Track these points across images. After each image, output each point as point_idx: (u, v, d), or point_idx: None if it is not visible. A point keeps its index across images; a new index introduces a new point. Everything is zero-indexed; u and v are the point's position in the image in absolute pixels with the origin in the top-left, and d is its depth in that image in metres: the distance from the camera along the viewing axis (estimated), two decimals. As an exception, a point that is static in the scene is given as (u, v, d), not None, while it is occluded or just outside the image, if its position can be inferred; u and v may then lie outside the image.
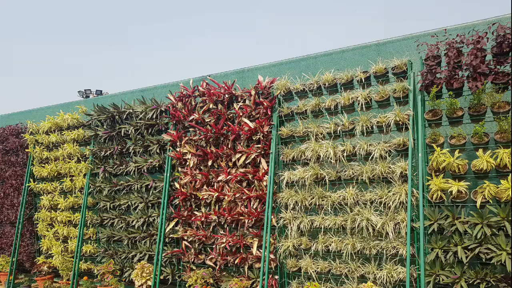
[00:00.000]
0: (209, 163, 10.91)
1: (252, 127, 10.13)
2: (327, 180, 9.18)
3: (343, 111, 9.33)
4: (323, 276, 9.34)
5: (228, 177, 10.50)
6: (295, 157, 9.68)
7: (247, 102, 10.46)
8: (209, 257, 10.92)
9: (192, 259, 11.16)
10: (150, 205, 12.01)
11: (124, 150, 12.50)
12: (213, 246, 10.92)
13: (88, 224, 13.27)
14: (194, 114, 11.11)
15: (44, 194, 14.30)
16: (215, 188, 10.77)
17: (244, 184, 10.46)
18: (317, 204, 9.24)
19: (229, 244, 10.46)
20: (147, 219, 11.93)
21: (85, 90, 23.57)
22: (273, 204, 9.87)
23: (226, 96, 10.72)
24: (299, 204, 9.43)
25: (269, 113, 10.11)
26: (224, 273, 10.92)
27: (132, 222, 12.15)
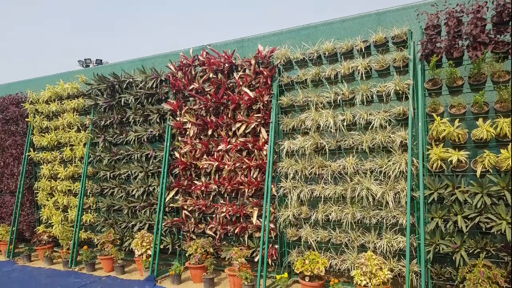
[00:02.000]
0: (209, 132, 10.90)
1: (252, 96, 10.11)
2: (327, 150, 9.18)
3: (343, 80, 9.31)
4: (323, 245, 9.38)
5: (228, 147, 10.50)
6: (295, 126, 9.67)
7: (247, 71, 10.42)
8: (209, 227, 10.96)
9: (192, 229, 11.19)
10: (150, 174, 12.02)
11: (124, 120, 12.49)
12: (213, 216, 10.96)
13: (88, 194, 13.30)
14: (194, 84, 11.09)
15: (44, 164, 14.32)
16: (215, 157, 10.77)
17: (244, 153, 10.46)
18: (317, 173, 9.26)
19: (229, 213, 10.49)
20: (147, 189, 11.95)
21: (85, 59, 23.48)
22: (273, 174, 9.88)
23: (226, 65, 10.68)
24: (299, 174, 9.44)
25: (269, 83, 10.09)
26: (224, 242, 10.97)
27: (132, 191, 12.18)
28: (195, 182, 11.19)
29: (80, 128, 13.50)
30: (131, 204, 12.21)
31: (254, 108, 10.27)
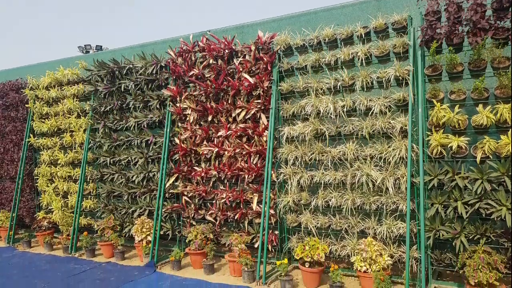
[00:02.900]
0: (209, 118, 10.90)
1: (252, 82, 10.10)
2: (327, 135, 9.18)
3: (343, 67, 9.30)
4: (323, 231, 9.39)
5: (228, 132, 10.50)
6: (295, 112, 9.67)
7: (247, 57, 10.41)
8: (209, 213, 10.97)
9: (192, 215, 11.21)
10: (150, 160, 12.03)
11: (124, 106, 12.48)
12: (213, 202, 10.98)
13: (88, 180, 13.31)
14: (194, 69, 11.07)
15: (44, 150, 14.33)
16: (215, 143, 10.78)
17: (244, 139, 10.46)
18: (317, 159, 9.26)
19: (229, 199, 10.50)
20: (147, 174, 11.96)
21: (85, 45, 23.48)
22: (273, 160, 9.89)
23: (226, 51, 10.67)
24: (299, 160, 9.45)
25: (269, 69, 10.07)
26: (224, 228, 10.99)
27: (132, 177, 12.19)
28: (195, 168, 11.19)
29: (80, 114, 13.50)
30: (131, 190, 12.23)
31: (254, 94, 10.27)
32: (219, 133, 10.64)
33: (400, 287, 8.59)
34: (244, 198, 10.38)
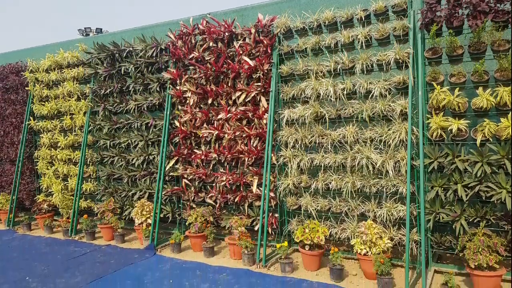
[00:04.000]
0: (209, 101, 10.89)
1: (252, 65, 10.08)
2: (327, 118, 9.16)
3: (343, 49, 9.27)
4: (323, 214, 9.40)
5: (228, 115, 10.49)
6: (295, 95, 9.65)
7: (247, 40, 10.38)
8: (209, 195, 10.98)
9: (192, 197, 11.23)
10: (150, 143, 12.03)
11: (124, 88, 12.46)
12: (213, 184, 10.99)
13: (88, 162, 13.33)
14: (194, 52, 11.05)
15: (44, 132, 14.34)
16: (215, 126, 10.77)
17: (244, 122, 10.45)
18: (317, 142, 9.25)
19: (229, 182, 10.51)
20: (147, 157, 11.96)
21: (85, 28, 23.35)
22: (273, 142, 9.88)
23: (226, 34, 10.63)
24: (299, 142, 9.44)
25: (269, 51, 10.05)
26: (224, 211, 11.01)
27: (132, 160, 12.20)
28: (195, 151, 11.20)
29: (80, 97, 13.48)
30: (131, 173, 12.24)
31: (254, 77, 10.24)
32: (219, 116, 10.64)
33: (400, 270, 8.60)
34: (244, 181, 10.39)
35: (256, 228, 10.06)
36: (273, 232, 10.04)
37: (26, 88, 14.64)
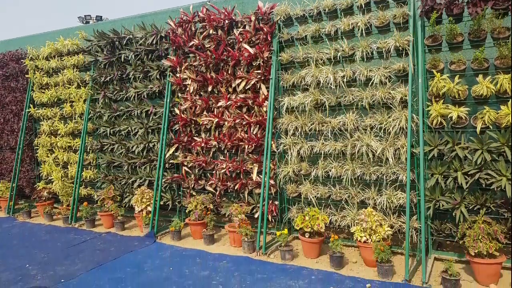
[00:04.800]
0: (209, 88, 10.87)
1: (252, 52, 10.06)
2: (327, 106, 9.16)
3: (343, 37, 9.25)
4: (323, 201, 9.41)
5: (228, 103, 10.49)
6: (295, 82, 9.63)
7: (247, 27, 10.36)
8: (209, 183, 10.99)
9: (192, 185, 11.24)
10: (150, 130, 12.04)
11: (124, 76, 12.45)
12: (213, 172, 11.00)
13: (88, 150, 13.33)
14: (194, 40, 11.03)
15: (44, 120, 14.32)
16: (215, 113, 10.76)
17: (244, 110, 10.45)
18: (317, 129, 9.25)
19: (229, 169, 10.52)
20: (147, 145, 11.97)
21: (85, 15, 23.23)
22: (273, 130, 9.87)
23: (226, 21, 10.61)
24: (299, 130, 9.44)
25: (269, 39, 10.03)
26: (224, 198, 11.03)
27: (132, 147, 12.21)
28: (195, 138, 11.20)
29: (80, 84, 13.46)
30: (131, 161, 12.25)
31: (254, 64, 10.24)
32: (219, 104, 10.63)
33: (400, 257, 8.62)
34: (244, 168, 10.39)
35: (256, 216, 10.08)
36: (273, 220, 10.05)
37: (26, 76, 14.63)
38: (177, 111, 11.34)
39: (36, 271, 8.93)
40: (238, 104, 10.39)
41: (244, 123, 10.31)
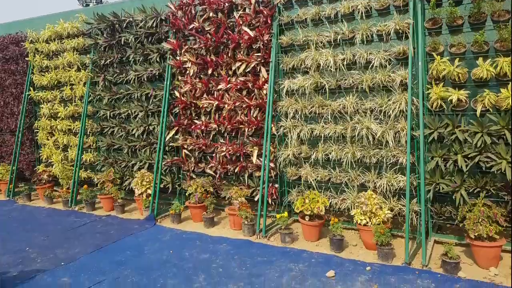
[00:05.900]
0: (209, 71, 10.86)
1: (252, 35, 10.04)
2: (327, 89, 9.15)
3: (343, 20, 9.23)
4: (323, 184, 9.41)
5: (228, 86, 10.47)
6: (295, 65, 9.62)
7: (247, 10, 10.32)
8: (209, 166, 10.99)
9: (192, 168, 11.24)
10: (150, 113, 12.04)
11: (124, 59, 12.44)
12: (213, 155, 11.00)
13: (88, 133, 13.33)
14: (194, 23, 11.00)
15: (44, 103, 14.30)
16: (215, 96, 10.76)
17: (244, 92, 10.43)
18: (317, 112, 9.24)
19: (229, 152, 10.52)
20: (147, 128, 11.97)
21: (85, -2, 23.32)
22: (273, 113, 9.86)
23: (226, 4, 10.57)
24: (299, 113, 9.44)
25: (269, 22, 10.00)
26: (224, 181, 11.03)
27: (132, 130, 12.21)
28: (195, 121, 11.19)
29: (80, 67, 13.44)
30: (131, 143, 12.26)
31: (254, 47, 10.21)
32: (219, 86, 10.62)
33: (400, 240, 8.63)
34: (244, 151, 10.39)
35: (256, 199, 10.07)
36: (273, 203, 10.07)
37: (26, 59, 14.60)
38: (177, 94, 11.32)
39: (36, 254, 8.95)
40: (238, 87, 10.37)
41: (244, 106, 10.29)
